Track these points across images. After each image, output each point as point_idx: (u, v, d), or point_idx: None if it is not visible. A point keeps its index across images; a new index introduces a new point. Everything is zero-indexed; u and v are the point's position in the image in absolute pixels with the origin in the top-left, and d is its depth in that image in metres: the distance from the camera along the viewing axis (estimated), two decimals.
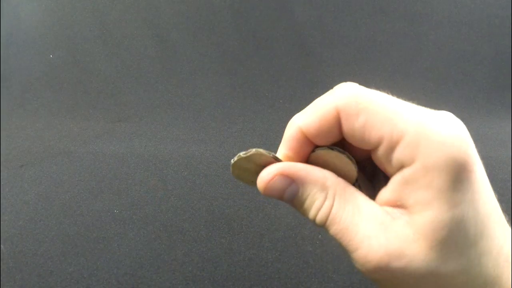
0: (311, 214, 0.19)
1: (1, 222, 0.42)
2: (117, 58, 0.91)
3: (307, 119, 0.20)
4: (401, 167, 0.17)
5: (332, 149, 0.20)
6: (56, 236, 0.40)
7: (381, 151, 0.18)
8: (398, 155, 0.17)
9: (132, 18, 0.92)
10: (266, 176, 0.20)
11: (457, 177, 0.17)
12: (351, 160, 0.20)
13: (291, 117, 0.22)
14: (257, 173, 0.21)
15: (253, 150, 0.20)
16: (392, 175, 0.18)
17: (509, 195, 0.51)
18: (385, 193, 0.19)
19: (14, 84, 0.88)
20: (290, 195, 0.20)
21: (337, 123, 0.19)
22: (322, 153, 0.20)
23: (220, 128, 0.76)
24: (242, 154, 0.21)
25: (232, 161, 0.20)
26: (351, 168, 0.20)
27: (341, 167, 0.20)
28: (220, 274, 0.35)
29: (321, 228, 0.24)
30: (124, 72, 0.90)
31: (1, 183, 0.52)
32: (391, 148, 0.17)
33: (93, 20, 0.92)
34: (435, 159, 0.16)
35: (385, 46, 0.94)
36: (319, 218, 0.19)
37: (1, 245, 0.38)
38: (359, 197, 0.19)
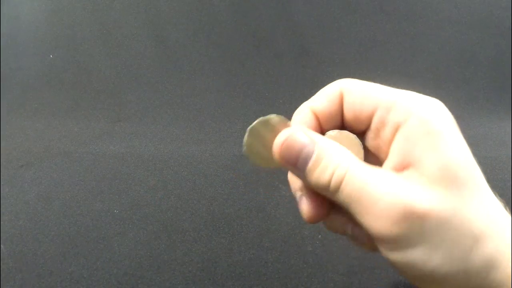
0: (327, 174, 0.19)
1: (1, 222, 0.42)
2: (117, 58, 0.91)
3: (317, 100, 0.22)
4: (397, 127, 0.19)
5: (341, 131, 0.22)
6: (56, 236, 0.40)
7: (377, 116, 0.20)
8: (394, 115, 0.20)
9: (132, 18, 0.92)
10: (287, 132, 0.21)
11: (450, 123, 0.19)
12: (358, 140, 0.22)
13: (291, 117, 0.23)
14: (271, 146, 0.21)
15: (274, 115, 0.21)
16: (388, 148, 0.20)
17: (509, 195, 0.51)
18: (388, 162, 0.20)
19: (14, 84, 0.88)
20: (307, 155, 0.20)
21: (341, 102, 0.22)
22: (332, 136, 0.22)
23: (220, 128, 0.76)
24: (261, 118, 0.21)
25: (250, 126, 0.21)
26: (359, 149, 0.22)
27: (349, 148, 0.21)
28: (220, 274, 0.35)
29: (320, 227, 0.23)
30: (124, 72, 0.90)
31: (1, 183, 0.52)
32: (387, 110, 0.20)
33: (93, 20, 0.92)
34: (428, 111, 0.19)
35: (385, 46, 0.94)
36: (335, 178, 0.19)
37: (1, 245, 0.38)
38: (370, 166, 0.20)
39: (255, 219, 0.44)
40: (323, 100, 0.22)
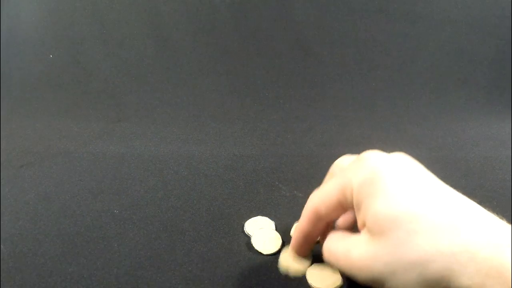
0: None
1: (1, 222, 0.42)
2: (117, 58, 0.91)
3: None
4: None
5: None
6: (56, 236, 0.40)
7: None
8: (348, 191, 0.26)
9: (132, 18, 0.92)
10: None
11: (392, 173, 0.23)
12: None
13: (291, 117, 0.24)
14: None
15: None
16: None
17: (509, 195, 0.51)
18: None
19: (14, 84, 0.88)
20: None
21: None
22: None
23: (220, 128, 0.76)
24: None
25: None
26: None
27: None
28: (220, 274, 0.35)
29: None
30: (124, 72, 0.90)
31: (1, 183, 0.52)
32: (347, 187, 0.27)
33: (93, 20, 0.92)
34: (370, 170, 0.25)
35: (385, 46, 0.94)
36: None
37: (1, 245, 0.38)
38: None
39: None
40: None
